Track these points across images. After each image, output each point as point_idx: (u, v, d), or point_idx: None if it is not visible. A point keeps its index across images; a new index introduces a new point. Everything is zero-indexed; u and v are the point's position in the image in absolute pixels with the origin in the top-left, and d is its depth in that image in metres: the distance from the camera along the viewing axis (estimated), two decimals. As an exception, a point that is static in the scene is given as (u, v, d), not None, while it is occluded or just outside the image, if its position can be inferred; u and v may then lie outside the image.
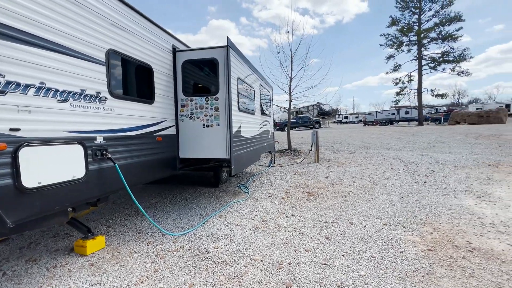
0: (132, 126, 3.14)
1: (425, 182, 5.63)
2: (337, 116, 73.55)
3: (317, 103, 40.18)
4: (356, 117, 66.19)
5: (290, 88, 10.87)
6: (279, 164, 8.97)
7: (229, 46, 3.85)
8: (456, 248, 2.83)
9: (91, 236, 2.98)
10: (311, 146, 9.37)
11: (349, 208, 4.28)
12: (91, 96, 2.59)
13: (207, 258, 2.83)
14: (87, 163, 2.50)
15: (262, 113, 6.29)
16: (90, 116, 2.58)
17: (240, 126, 4.43)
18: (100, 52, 2.71)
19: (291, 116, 36.79)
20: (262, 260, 2.76)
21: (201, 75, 4.23)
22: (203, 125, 4.05)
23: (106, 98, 2.77)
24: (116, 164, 2.74)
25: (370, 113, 48.94)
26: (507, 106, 41.52)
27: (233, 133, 4.05)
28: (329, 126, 39.93)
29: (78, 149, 2.43)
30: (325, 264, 2.64)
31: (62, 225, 3.34)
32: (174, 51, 4.07)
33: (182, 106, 4.14)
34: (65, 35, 2.32)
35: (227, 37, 3.82)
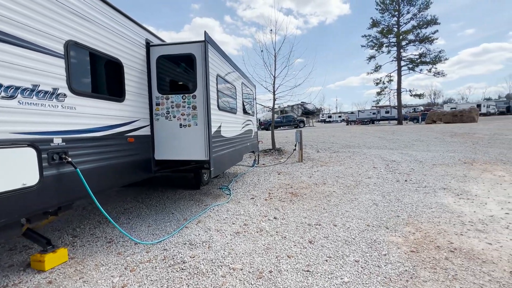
0: (98, 126, 2.86)
1: (406, 180, 5.69)
2: (321, 115, 74.77)
3: (301, 102, 40.50)
4: (339, 117, 67.64)
5: (274, 87, 10.77)
6: (263, 164, 8.83)
7: (207, 41, 3.63)
8: (438, 249, 2.80)
9: (51, 249, 2.67)
10: (295, 146, 9.31)
11: (332, 209, 4.20)
12: (46, 92, 2.29)
13: (182, 269, 2.61)
14: (41, 169, 2.21)
15: (245, 112, 6.11)
16: (45, 115, 2.28)
17: (220, 126, 4.22)
18: (57, 43, 2.41)
19: (276, 115, 36.94)
20: (241, 269, 2.59)
21: (178, 72, 3.98)
22: (180, 124, 3.81)
23: (65, 95, 2.47)
24: (78, 169, 2.45)
25: (352, 113, 50.11)
26: (478, 105, 44.07)
27: (212, 133, 3.84)
28: (313, 125, 40.43)
29: (30, 153, 2.13)
30: (307, 271, 2.51)
31: (16, 237, 2.99)
32: (148, 45, 3.79)
33: (157, 104, 3.87)
34: (10, 21, 2.02)
35: (205, 31, 3.60)
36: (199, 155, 3.73)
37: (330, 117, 69.95)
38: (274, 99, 10.84)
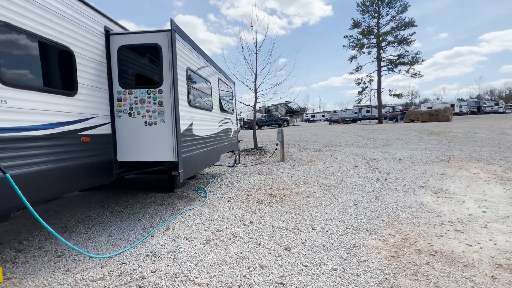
0: (40, 123, 2.45)
1: (385, 179, 5.63)
2: (304, 114, 75.69)
3: (285, 101, 40.69)
4: (323, 116, 68.69)
5: (255, 85, 10.52)
6: (244, 164, 8.56)
7: (174, 30, 3.30)
8: (419, 253, 2.66)
9: (-21, 269, 2.24)
10: (277, 145, 9.11)
11: (311, 211, 4.00)
12: (-38, 82, 1.88)
13: (139, 287, 2.28)
14: (-45, 175, 1.80)
15: (222, 110, 5.80)
16: (-39, 109, 1.87)
17: (191, 124, 3.89)
18: (-21, 23, 2.00)
19: (260, 114, 36.80)
20: (208, 284, 2.30)
21: (142, 64, 3.61)
22: (145, 122, 3.44)
23: (-9, 86, 2.07)
24: (7, 174, 2.05)
25: (335, 112, 51.06)
26: (452, 105, 46.34)
27: (181, 131, 3.51)
28: (297, 125, 40.72)
29: None
30: (281, 283, 2.27)
31: None
32: (107, 34, 3.39)
33: (119, 100, 3.48)
34: None
35: (171, 19, 3.26)
36: (166, 156, 3.39)
37: (313, 116, 70.89)
38: (256, 97, 10.60)
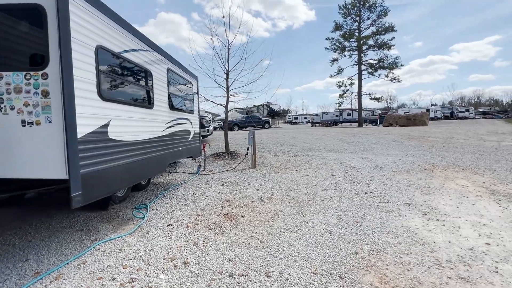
0: None
1: (366, 193, 4.82)
2: (287, 116, 75.63)
3: (267, 103, 39.95)
4: (305, 118, 68.89)
5: (227, 82, 9.51)
6: (210, 171, 7.51)
7: (66, -15, 2.22)
8: (415, 327, 1.77)
9: None
10: (247, 149, 8.16)
11: (272, 242, 3.05)
12: None
13: None
14: None
15: (173, 108, 4.73)
16: None
17: (107, 124, 2.81)
18: None
19: (240, 115, 35.75)
20: None
21: (18, 35, 2.47)
22: (23, 121, 2.32)
23: None
24: None
25: (317, 115, 51.12)
26: (427, 110, 48.03)
27: (83, 135, 2.43)
28: (279, 126, 40.15)
29: None
30: None
31: None
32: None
33: (-16, 87, 2.33)
34: None
35: (61, -32, 2.18)
36: (53, 171, 2.28)
37: (296, 118, 70.97)
38: (228, 96, 9.58)
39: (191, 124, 5.90)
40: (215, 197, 4.82)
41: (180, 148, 5.09)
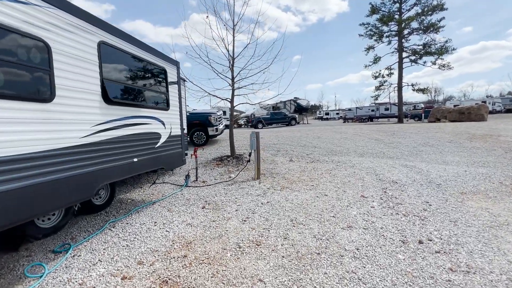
0: None
1: (420, 242, 2.82)
2: (318, 112, 71.83)
3: (294, 98, 37.58)
4: (337, 113, 64.71)
5: (232, 71, 7.88)
6: (203, 182, 5.99)
7: None
8: None
9: None
10: (249, 155, 6.48)
11: None
12: None
13: None
14: None
15: (115, 102, 3.21)
16: None
17: None
18: None
19: (265, 111, 34.01)
20: None
21: None
22: None
23: None
24: None
25: (350, 109, 47.08)
26: (484, 102, 41.15)
27: None
28: (307, 123, 37.59)
29: None
30: None
31: None
32: None
33: None
34: None
35: None
36: None
37: (327, 114, 67.16)
38: (233, 89, 7.95)
39: (163, 124, 4.38)
40: (177, 235, 3.23)
41: (135, 160, 3.58)
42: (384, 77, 28.07)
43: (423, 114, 31.43)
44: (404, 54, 27.05)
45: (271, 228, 3.27)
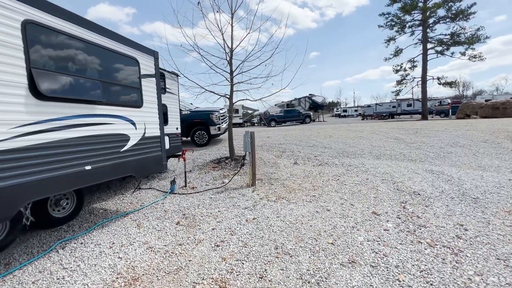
0: None
1: (456, 295, 1.94)
2: (335, 109, 69.33)
3: (309, 94, 36.19)
4: (355, 110, 62.11)
5: (231, 65, 7.15)
6: (193, 188, 5.35)
7: None
8: None
9: None
10: (243, 159, 5.73)
11: None
12: None
13: None
14: None
15: (55, 97, 2.59)
16: None
17: None
18: None
19: (279, 109, 33.02)
20: None
21: None
22: None
23: None
24: None
25: (369, 106, 44.74)
26: (521, 97, 37.37)
27: None
28: (323, 121, 36.11)
29: None
30: None
31: None
32: None
33: None
34: None
35: None
36: None
37: (345, 111, 64.65)
38: (232, 85, 7.22)
39: (133, 124, 3.73)
40: (129, 264, 2.55)
41: (88, 168, 2.96)
42: (406, 70, 26.10)
43: (450, 110, 29.02)
44: (429, 45, 24.94)
45: (247, 260, 2.50)
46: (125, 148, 3.58)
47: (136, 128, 3.79)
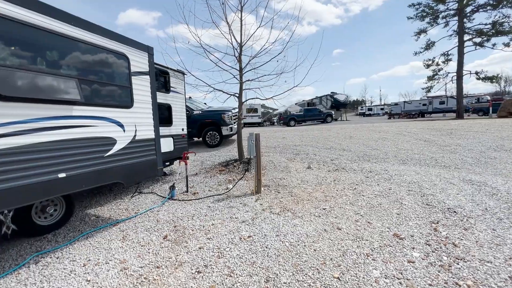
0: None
1: None
2: (359, 108, 66.37)
3: (331, 92, 34.75)
4: (381, 109, 58.94)
5: (240, 62, 6.71)
6: (194, 194, 4.98)
7: None
8: None
9: None
10: (247, 163, 5.24)
11: None
12: None
13: None
14: None
15: (24, 98, 2.31)
16: None
17: None
18: None
19: (299, 108, 32.08)
20: None
21: None
22: None
23: None
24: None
25: (396, 104, 42.03)
26: None
27: None
28: (346, 120, 34.51)
29: None
30: None
31: None
32: None
33: None
34: None
35: None
36: None
37: (370, 109, 61.66)
38: (241, 83, 6.78)
39: (121, 126, 3.41)
40: (94, 290, 2.19)
41: (61, 175, 2.66)
42: (439, 65, 23.94)
43: (490, 108, 26.17)
44: (466, 37, 22.61)
45: (227, 296, 2.02)
46: (110, 153, 3.26)
47: (124, 131, 3.47)
